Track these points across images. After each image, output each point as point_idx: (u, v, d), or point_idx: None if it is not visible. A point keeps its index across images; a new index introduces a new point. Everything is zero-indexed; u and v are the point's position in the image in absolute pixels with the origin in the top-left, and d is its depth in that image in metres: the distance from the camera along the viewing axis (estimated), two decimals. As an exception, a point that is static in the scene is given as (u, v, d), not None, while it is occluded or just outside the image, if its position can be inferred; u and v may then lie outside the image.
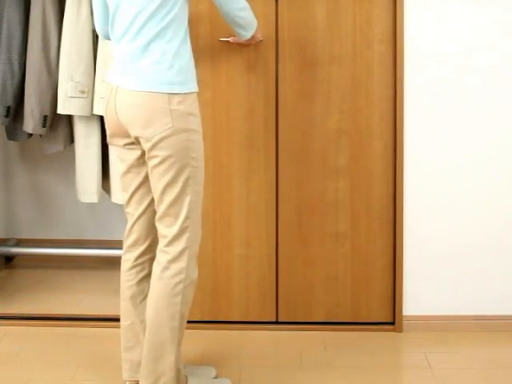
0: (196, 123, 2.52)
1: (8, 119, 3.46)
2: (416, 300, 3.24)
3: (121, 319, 2.71)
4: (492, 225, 3.22)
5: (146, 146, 2.48)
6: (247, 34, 2.82)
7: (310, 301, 3.26)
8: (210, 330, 3.23)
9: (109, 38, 2.66)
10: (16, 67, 3.43)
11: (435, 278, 3.24)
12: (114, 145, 2.61)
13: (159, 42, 2.46)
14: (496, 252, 3.22)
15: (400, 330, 3.24)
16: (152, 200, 2.61)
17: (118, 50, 2.54)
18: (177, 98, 2.46)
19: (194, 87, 2.53)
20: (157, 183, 2.51)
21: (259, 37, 3.00)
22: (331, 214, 3.20)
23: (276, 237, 3.23)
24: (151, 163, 2.50)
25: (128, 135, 2.53)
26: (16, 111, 3.49)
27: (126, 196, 2.65)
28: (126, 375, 2.71)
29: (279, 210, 3.21)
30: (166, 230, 2.53)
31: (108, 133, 2.62)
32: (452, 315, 3.25)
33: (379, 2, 3.11)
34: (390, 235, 3.22)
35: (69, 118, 3.53)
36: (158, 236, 2.58)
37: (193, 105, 2.51)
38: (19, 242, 4.09)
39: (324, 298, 3.25)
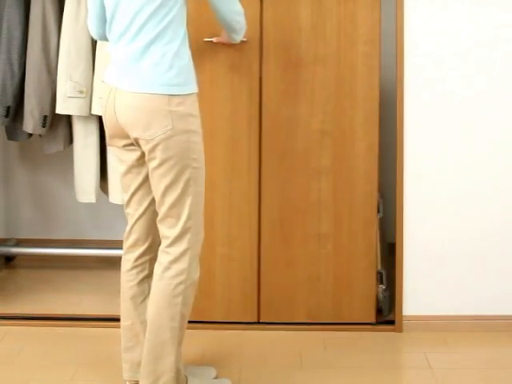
0: (196, 124, 2.52)
1: (8, 119, 3.46)
2: (416, 300, 3.24)
3: (121, 319, 2.71)
4: (492, 225, 3.22)
5: (145, 147, 2.48)
6: (238, 38, 2.79)
7: (291, 301, 3.25)
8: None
9: (103, 39, 2.66)
10: (16, 67, 3.43)
11: (435, 278, 3.24)
12: (114, 146, 2.61)
13: (158, 44, 2.46)
14: (496, 252, 3.22)
15: (400, 330, 3.24)
16: (152, 200, 2.61)
17: (115, 51, 2.53)
18: (176, 100, 2.46)
19: (194, 88, 2.53)
20: (157, 185, 2.51)
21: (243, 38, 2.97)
22: (314, 215, 3.20)
23: (258, 237, 3.23)
24: (151, 165, 2.50)
25: (127, 136, 2.53)
26: (16, 111, 3.49)
27: (126, 197, 2.64)
28: (126, 375, 2.71)
29: (262, 211, 3.21)
30: (167, 231, 2.53)
31: (107, 134, 2.62)
32: (452, 315, 3.25)
33: (364, 3, 3.11)
34: (373, 236, 3.21)
35: (68, 118, 3.53)
36: (160, 237, 2.58)
37: (193, 106, 2.51)
38: (19, 242, 4.09)
39: (306, 298, 3.25)
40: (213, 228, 3.21)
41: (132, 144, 2.55)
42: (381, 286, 3.33)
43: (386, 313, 3.33)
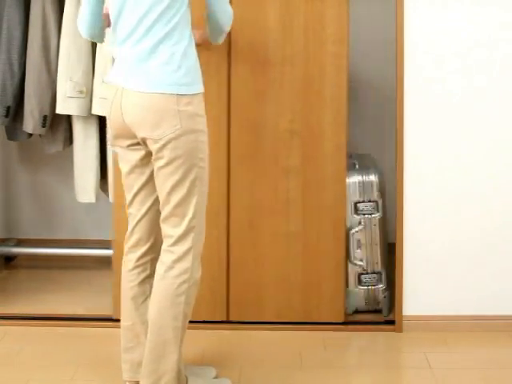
0: (203, 124, 2.53)
1: (8, 119, 3.46)
2: (416, 300, 3.24)
3: (121, 319, 2.71)
4: (492, 225, 3.22)
5: (153, 147, 2.48)
6: (220, 41, 2.76)
7: (261, 301, 3.25)
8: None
9: (95, 39, 2.66)
10: (16, 67, 3.44)
11: (435, 278, 3.24)
12: (118, 146, 2.61)
13: (167, 44, 2.46)
14: (496, 252, 3.22)
15: (400, 330, 3.24)
16: (155, 200, 2.61)
17: (121, 51, 2.53)
18: (185, 99, 2.46)
19: (201, 88, 2.54)
20: (163, 184, 2.51)
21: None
22: (283, 215, 3.21)
23: (227, 236, 3.23)
24: (158, 164, 2.50)
25: (133, 136, 2.53)
26: (16, 111, 3.50)
27: (129, 197, 2.64)
28: (126, 376, 2.71)
29: (230, 210, 3.21)
30: (171, 230, 2.53)
31: (112, 134, 2.61)
32: (452, 315, 3.25)
33: (332, 2, 3.12)
34: (342, 235, 3.22)
35: (68, 118, 3.53)
36: (163, 236, 2.57)
37: (199, 105, 2.52)
38: (19, 242, 4.09)
39: (275, 297, 3.25)
40: None
41: (137, 144, 2.55)
42: (380, 285, 3.34)
43: (386, 313, 3.33)
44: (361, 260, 3.34)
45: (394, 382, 2.88)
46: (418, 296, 3.24)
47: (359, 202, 3.34)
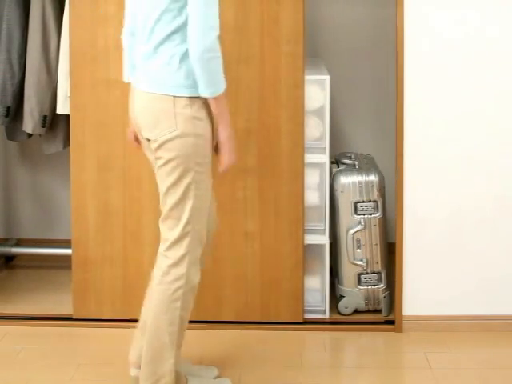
0: (203, 128, 2.48)
1: (8, 119, 3.46)
2: (416, 300, 3.24)
3: (140, 318, 2.73)
4: (492, 226, 3.22)
5: (152, 146, 2.50)
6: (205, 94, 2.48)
7: (219, 300, 3.26)
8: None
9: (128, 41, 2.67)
10: (16, 67, 3.44)
11: (435, 277, 3.24)
12: (142, 140, 2.63)
13: (168, 45, 2.46)
14: (496, 252, 3.22)
15: (400, 330, 3.24)
16: None
17: (136, 49, 2.58)
18: (183, 102, 2.45)
19: (205, 92, 2.47)
20: (161, 184, 2.53)
21: None
22: (240, 214, 3.21)
23: None
24: (158, 163, 2.51)
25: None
26: (16, 111, 3.49)
27: (160, 195, 2.62)
28: (132, 357, 2.72)
29: None
30: (167, 232, 2.54)
31: (136, 133, 2.66)
32: (452, 315, 3.25)
33: (287, 3, 3.12)
34: (300, 235, 3.22)
35: (68, 119, 3.53)
36: (161, 238, 2.58)
37: (200, 109, 2.48)
38: (19, 242, 4.09)
39: (233, 297, 3.25)
40: (140, 226, 3.23)
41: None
42: (380, 285, 3.34)
43: (386, 313, 3.34)
44: (361, 260, 3.33)
45: (394, 381, 2.88)
46: (418, 296, 3.24)
47: (359, 202, 3.33)
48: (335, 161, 3.54)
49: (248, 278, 3.25)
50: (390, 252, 3.39)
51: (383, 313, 3.34)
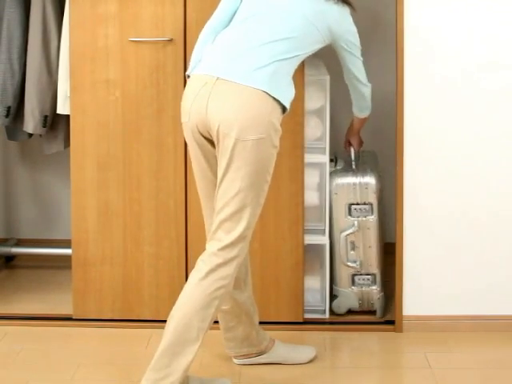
0: (278, 140, 2.61)
1: (8, 119, 3.46)
2: (416, 300, 3.24)
3: None
4: (492, 225, 3.22)
5: (231, 145, 2.54)
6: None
7: None
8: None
9: None
10: (16, 67, 3.44)
11: (435, 277, 3.24)
12: None
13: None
14: (496, 252, 3.22)
15: (400, 330, 3.24)
16: None
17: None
18: (278, 109, 2.59)
19: None
20: (229, 186, 2.54)
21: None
22: None
23: (186, 236, 3.23)
24: (231, 166, 2.54)
25: None
26: (16, 111, 3.49)
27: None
28: (231, 352, 2.91)
29: (188, 209, 3.21)
30: (223, 234, 2.55)
31: None
32: (452, 315, 3.25)
33: None
34: (299, 235, 3.22)
35: (69, 118, 3.53)
36: (211, 238, 2.59)
37: (279, 121, 2.61)
38: (19, 242, 4.09)
39: None
40: (140, 227, 3.24)
41: None
42: (374, 287, 3.31)
43: (380, 314, 3.31)
44: (354, 261, 3.31)
45: (393, 381, 2.88)
46: (418, 296, 3.24)
47: (353, 204, 3.30)
48: (334, 158, 3.48)
49: (251, 276, 3.24)
50: (390, 252, 3.38)
51: (377, 314, 3.32)
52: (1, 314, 3.36)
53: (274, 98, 2.55)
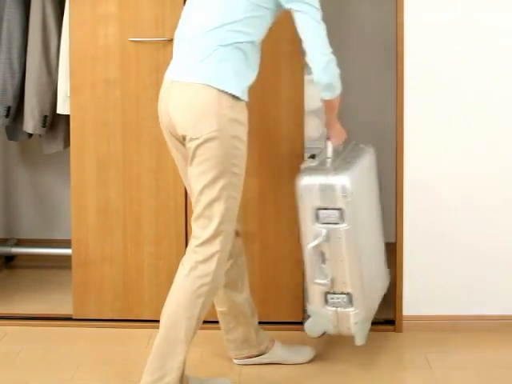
0: (241, 131, 2.55)
1: (8, 119, 3.46)
2: (416, 300, 3.24)
3: (216, 306, 2.84)
4: (492, 225, 3.22)
5: (190, 144, 2.54)
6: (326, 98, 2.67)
7: None
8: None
9: None
10: (16, 67, 3.44)
11: (435, 277, 3.24)
12: None
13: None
14: (496, 252, 3.22)
15: (400, 330, 3.24)
16: None
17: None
18: (228, 100, 2.52)
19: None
20: (196, 183, 2.54)
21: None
22: (239, 214, 3.19)
23: (185, 235, 3.23)
24: (193, 162, 2.54)
25: None
26: (16, 111, 3.50)
27: None
28: (232, 354, 2.91)
29: (188, 209, 3.21)
30: (199, 231, 2.55)
31: None
32: (452, 315, 3.25)
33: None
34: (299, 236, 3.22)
35: (68, 118, 3.53)
36: (192, 235, 2.59)
37: (240, 112, 2.55)
38: (19, 242, 4.09)
39: None
40: (140, 226, 3.24)
41: None
42: (351, 309, 2.83)
43: (361, 342, 2.90)
44: (325, 277, 2.80)
45: (393, 381, 2.88)
46: (418, 296, 3.24)
47: (320, 209, 2.77)
48: (315, 155, 3.03)
49: (248, 277, 3.24)
50: (390, 252, 3.38)
51: (356, 341, 2.87)
52: (1, 313, 3.36)
53: (219, 89, 2.50)
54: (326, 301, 2.84)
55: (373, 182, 3.10)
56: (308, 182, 2.76)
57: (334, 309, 2.83)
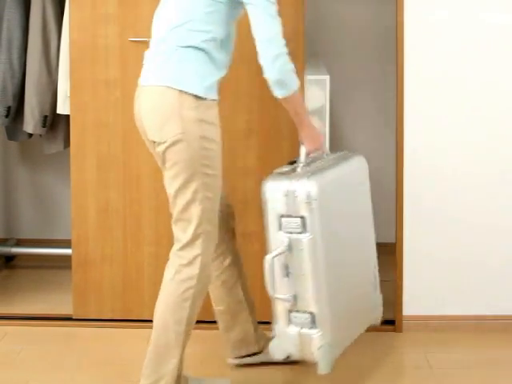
0: (210, 131, 2.50)
1: (8, 119, 3.47)
2: (416, 300, 3.24)
3: (214, 305, 2.85)
4: (492, 225, 3.22)
5: (158, 149, 2.51)
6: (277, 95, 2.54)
7: None
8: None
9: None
10: (16, 67, 3.44)
11: (435, 277, 3.24)
12: None
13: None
14: (496, 252, 3.22)
15: (400, 330, 3.24)
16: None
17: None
18: (189, 101, 2.47)
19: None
20: (169, 187, 2.53)
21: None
22: (240, 214, 3.20)
23: None
24: (164, 167, 2.53)
25: None
26: (16, 111, 3.50)
27: None
28: (231, 353, 2.89)
29: None
30: (180, 234, 2.54)
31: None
32: (452, 315, 3.25)
33: (287, 2, 3.07)
34: None
35: (68, 118, 3.53)
36: (174, 239, 2.58)
37: (206, 111, 2.50)
38: (19, 242, 4.09)
39: None
40: (140, 227, 3.24)
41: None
42: (314, 331, 2.56)
43: (325, 369, 2.59)
44: (287, 293, 2.57)
45: (393, 381, 2.88)
46: (418, 296, 3.24)
47: (283, 217, 2.56)
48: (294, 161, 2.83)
49: (248, 277, 3.23)
50: (390, 252, 3.38)
51: (319, 369, 2.56)
52: (1, 313, 3.36)
53: (180, 90, 2.45)
54: (290, 319, 2.60)
55: (357, 191, 2.81)
56: (272, 187, 2.58)
57: (298, 329, 2.58)
